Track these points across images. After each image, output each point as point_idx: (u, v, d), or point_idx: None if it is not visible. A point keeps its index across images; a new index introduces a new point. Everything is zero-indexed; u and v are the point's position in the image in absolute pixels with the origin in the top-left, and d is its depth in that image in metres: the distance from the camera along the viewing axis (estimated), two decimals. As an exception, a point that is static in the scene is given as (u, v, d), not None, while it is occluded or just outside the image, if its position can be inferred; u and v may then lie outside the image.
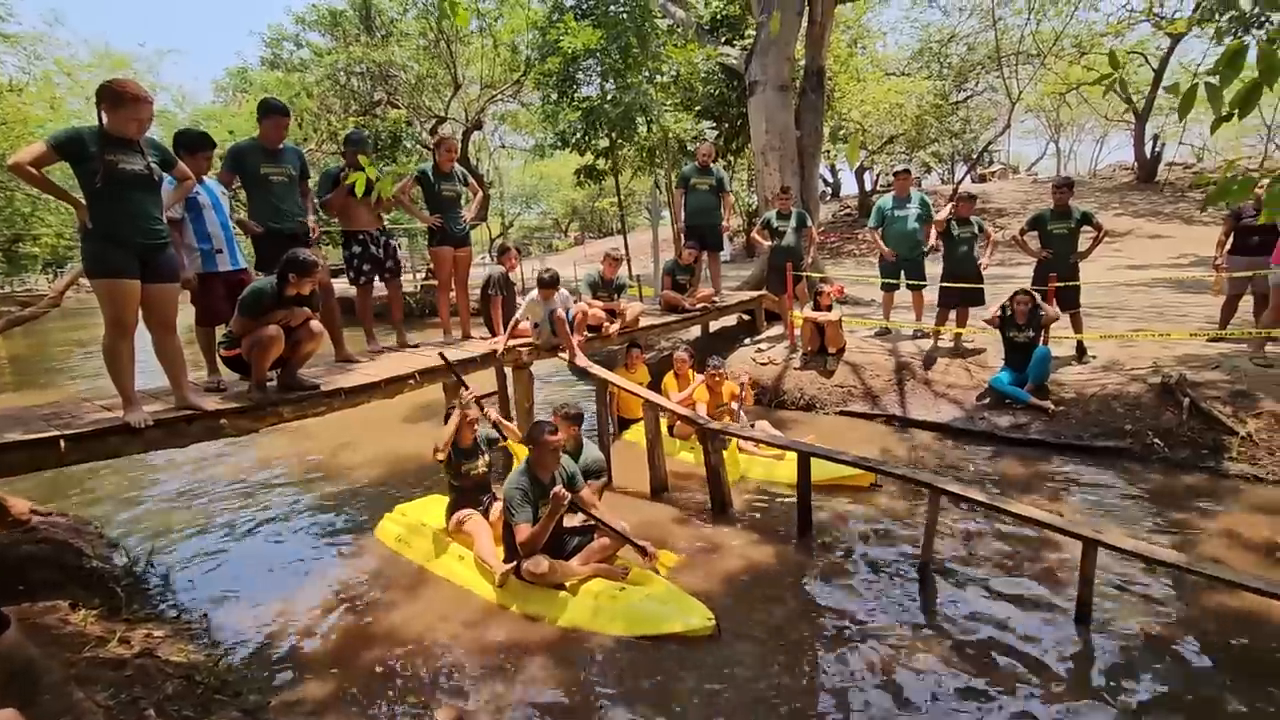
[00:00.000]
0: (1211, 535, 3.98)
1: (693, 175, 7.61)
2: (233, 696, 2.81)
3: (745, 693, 2.81)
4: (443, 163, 5.50)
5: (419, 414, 7.37)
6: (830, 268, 13.70)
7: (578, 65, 11.12)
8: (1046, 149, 38.00)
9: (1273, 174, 2.26)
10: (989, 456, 5.44)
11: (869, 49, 19.73)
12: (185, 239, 4.08)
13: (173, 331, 3.52)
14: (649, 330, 6.98)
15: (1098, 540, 3.10)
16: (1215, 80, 2.06)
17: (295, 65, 17.86)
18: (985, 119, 24.73)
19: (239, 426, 3.74)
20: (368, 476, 5.73)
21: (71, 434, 3.18)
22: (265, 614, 3.60)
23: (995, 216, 18.74)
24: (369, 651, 3.25)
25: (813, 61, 9.43)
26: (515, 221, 38.77)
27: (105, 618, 3.17)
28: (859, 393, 6.79)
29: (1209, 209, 16.12)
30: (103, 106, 3.13)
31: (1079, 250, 6.42)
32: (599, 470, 4.42)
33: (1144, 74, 20.38)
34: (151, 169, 3.27)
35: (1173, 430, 5.13)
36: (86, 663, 2.67)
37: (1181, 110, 2.12)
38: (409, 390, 4.65)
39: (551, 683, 2.94)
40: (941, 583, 3.63)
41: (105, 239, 3.16)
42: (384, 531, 4.43)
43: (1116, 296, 9.21)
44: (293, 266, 3.73)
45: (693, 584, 3.63)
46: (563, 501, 3.38)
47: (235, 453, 6.51)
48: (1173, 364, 5.67)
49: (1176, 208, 17.97)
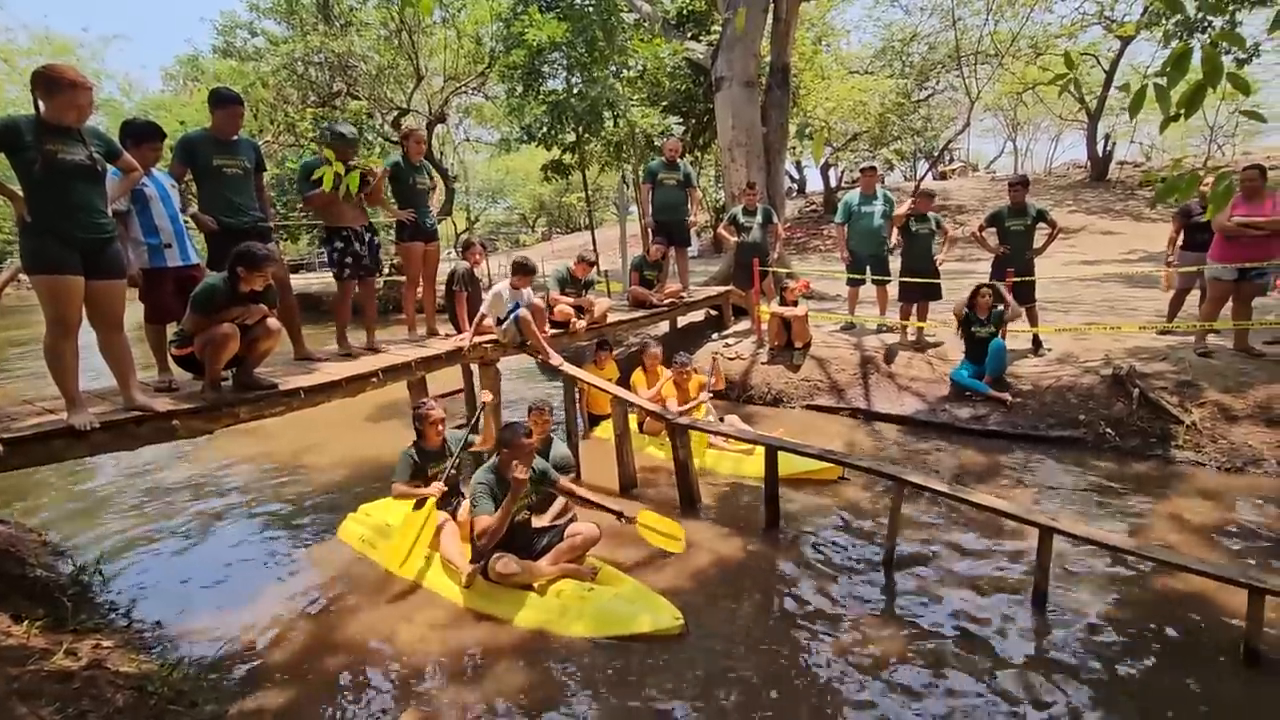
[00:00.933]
0: (1160, 520, 4.15)
1: (660, 170, 7.60)
2: (188, 707, 2.72)
3: (712, 690, 2.82)
4: (412, 155, 5.37)
5: (382, 413, 7.24)
6: (796, 263, 13.84)
7: (543, 58, 11.02)
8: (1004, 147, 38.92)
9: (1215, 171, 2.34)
10: (950, 448, 5.57)
11: (833, 47, 19.98)
12: (131, 233, 3.91)
13: (119, 329, 3.37)
14: (617, 326, 6.96)
15: (1053, 527, 3.20)
16: (1163, 81, 2.13)
17: (250, 54, 17.32)
18: (946, 117, 25.26)
19: (192, 428, 3.60)
20: (330, 477, 5.60)
21: (10, 437, 3.02)
22: (222, 620, 3.49)
23: (955, 213, 19.17)
24: (332, 656, 3.18)
25: (778, 58, 9.50)
26: (481, 216, 38.31)
27: (51, 629, 3.03)
28: (825, 387, 6.88)
29: (1158, 206, 16.75)
30: (38, 93, 2.97)
31: (1035, 246, 6.60)
32: (568, 466, 4.41)
33: (1096, 75, 21.06)
34: (94, 159, 3.13)
35: (1123, 420, 5.32)
36: (30, 676, 2.55)
37: (1132, 109, 2.18)
38: (371, 389, 4.55)
39: (518, 685, 2.91)
40: (906, 572, 3.70)
41: (45, 233, 3.01)
42: (347, 532, 4.34)
43: (1070, 291, 9.51)
44: (242, 260, 3.60)
45: (661, 580, 3.63)
46: (523, 480, 3.33)
47: (190, 455, 6.30)
48: (1123, 356, 5.88)
49: (1127, 205, 18.64)
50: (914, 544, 3.99)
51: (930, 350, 6.83)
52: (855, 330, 7.59)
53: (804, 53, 15.72)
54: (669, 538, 3.85)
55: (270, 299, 3.82)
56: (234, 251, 3.64)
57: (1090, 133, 21.72)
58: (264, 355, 3.93)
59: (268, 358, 4.05)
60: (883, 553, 3.81)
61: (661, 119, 11.36)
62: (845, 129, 19.56)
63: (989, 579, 3.59)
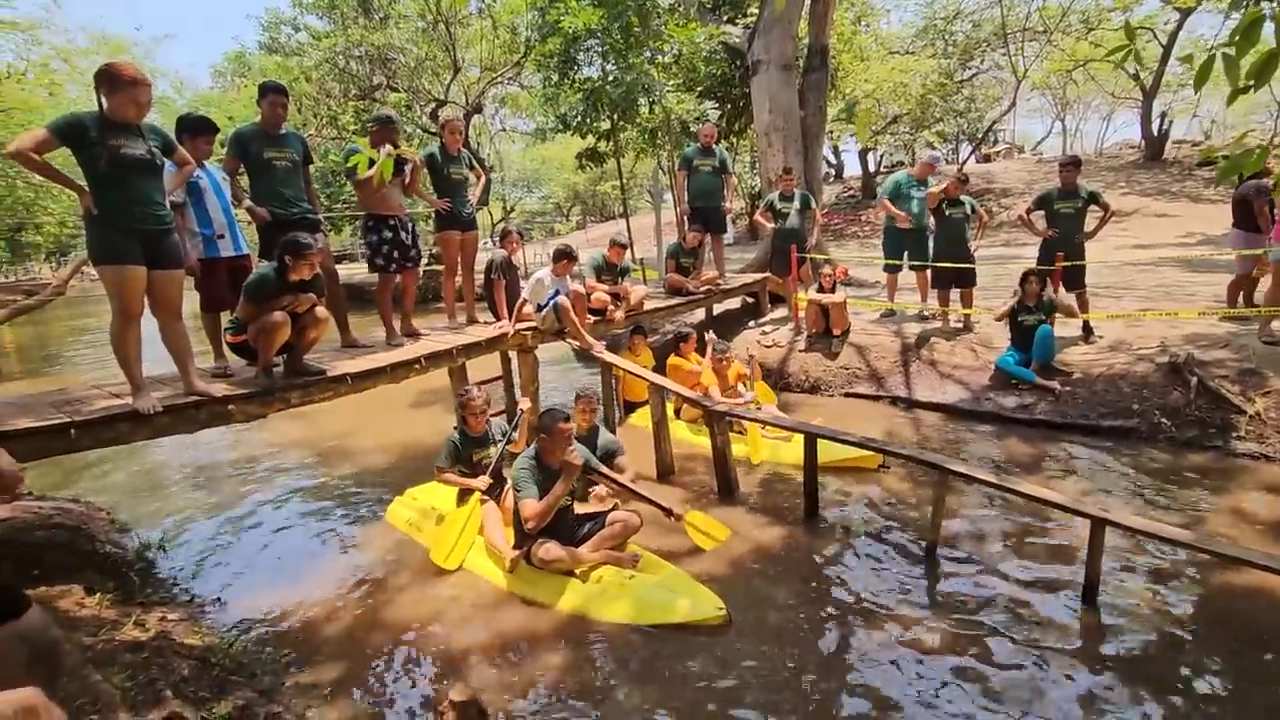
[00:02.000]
0: (1219, 513, 3.99)
1: (695, 157, 7.55)
2: (247, 678, 2.84)
3: (753, 679, 2.82)
4: (449, 145, 5.44)
5: (424, 399, 7.40)
6: (834, 249, 13.61)
7: (578, 46, 10.98)
8: (1052, 127, 37.53)
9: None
10: (995, 437, 5.44)
11: (873, 27, 19.45)
12: (187, 224, 4.07)
13: (178, 317, 3.52)
14: (653, 313, 6.97)
15: (1105, 519, 3.10)
16: (1232, 51, 2.03)
17: (293, 49, 17.72)
18: (990, 98, 24.45)
19: (247, 412, 3.75)
20: (376, 460, 5.76)
21: (81, 420, 3.19)
22: (277, 597, 3.64)
23: (1000, 196, 18.59)
24: (379, 633, 3.28)
25: (816, 40, 9.31)
26: (516, 206, 38.58)
27: (120, 602, 3.20)
28: (864, 374, 6.78)
29: (1220, 186, 15.97)
30: (101, 90, 3.10)
31: (1085, 230, 6.37)
32: (617, 450, 4.49)
33: (1151, 50, 20.08)
34: (153, 153, 3.25)
35: (1180, 409, 5.12)
36: (103, 645, 2.71)
37: (1197, 82, 2.08)
38: (415, 375, 4.65)
39: (560, 668, 2.96)
40: (949, 563, 3.64)
41: (109, 225, 3.15)
42: (394, 515, 4.46)
43: (1123, 276, 9.15)
44: (288, 249, 3.71)
45: (700, 567, 3.64)
46: (576, 467, 3.37)
47: (244, 438, 6.54)
48: (1180, 343, 5.65)
49: (1184, 186, 17.79)
50: (957, 535, 3.92)
51: (974, 337, 6.67)
52: (895, 317, 7.44)
53: (842, 33, 15.36)
54: (713, 539, 3.85)
55: (318, 287, 3.93)
56: (281, 241, 3.76)
57: (1145, 110, 20.74)
58: (313, 343, 4.06)
59: (316, 345, 4.18)
60: (925, 543, 3.75)
61: (697, 104, 11.24)
62: (885, 111, 19.09)
63: (1036, 572, 3.50)
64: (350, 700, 2.84)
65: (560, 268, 5.36)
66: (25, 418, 3.18)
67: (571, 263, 5.40)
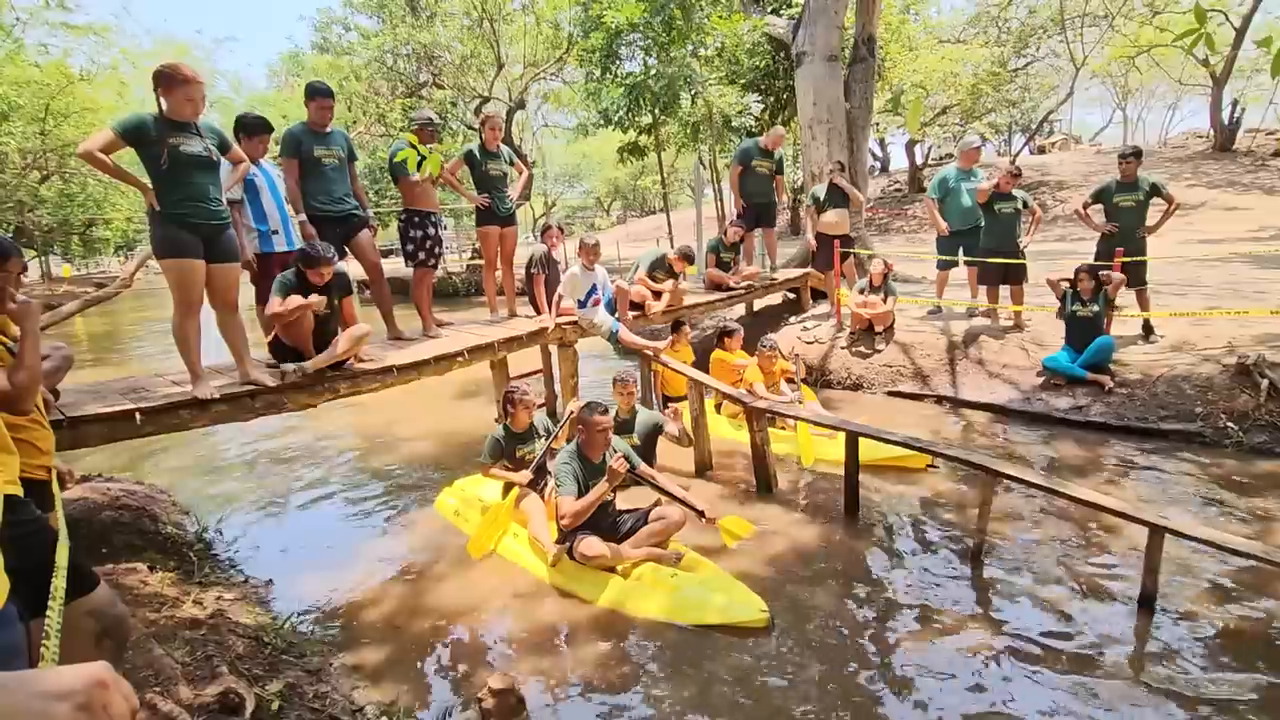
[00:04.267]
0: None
1: (755, 156, 7.50)
2: (298, 658, 2.95)
3: (792, 681, 2.79)
4: (488, 141, 5.52)
5: (464, 390, 7.53)
6: (879, 244, 13.32)
7: (621, 40, 11.01)
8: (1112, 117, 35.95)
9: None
10: (1046, 439, 5.26)
11: (921, 15, 18.92)
12: (244, 220, 4.22)
13: (234, 310, 3.66)
14: (693, 309, 6.94)
15: (1165, 527, 2.97)
16: (1315, 34, 1.91)
17: (344, 49, 18.21)
18: (1046, 87, 23.55)
19: (299, 401, 3.89)
20: (419, 448, 5.89)
21: (146, 407, 3.35)
22: (324, 580, 3.76)
23: (1056, 190, 17.91)
24: (422, 619, 3.36)
25: (863, 30, 9.11)
26: (558, 201, 38.88)
27: (180, 580, 3.35)
28: (908, 372, 6.63)
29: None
30: (159, 91, 3.23)
31: (1147, 224, 6.08)
32: (659, 425, 4.62)
33: (1223, 33, 19.01)
34: (210, 150, 3.38)
35: (1249, 413, 4.86)
36: (165, 621, 2.84)
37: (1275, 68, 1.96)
38: (458, 367, 4.74)
39: (599, 660, 2.97)
40: (996, 569, 3.54)
41: (172, 221, 3.29)
42: (442, 505, 4.54)
43: (1187, 273, 8.71)
44: (301, 259, 3.80)
45: (739, 565, 3.62)
46: (620, 473, 3.38)
47: (296, 425, 6.77)
48: (1250, 343, 5.36)
49: (1256, 177, 16.84)
50: (1005, 539, 3.81)
51: (1025, 335, 6.45)
52: (941, 314, 7.25)
53: (890, 23, 14.98)
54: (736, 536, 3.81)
55: (343, 287, 4.01)
56: (298, 250, 3.86)
57: (1215, 98, 19.66)
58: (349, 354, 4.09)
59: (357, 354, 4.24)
60: (971, 547, 3.65)
61: (740, 97, 11.13)
62: (934, 102, 18.57)
63: (1088, 579, 3.38)
64: (393, 683, 2.91)
65: (587, 260, 5.50)
66: (95, 404, 3.36)
67: (596, 251, 5.56)
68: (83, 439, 3.26)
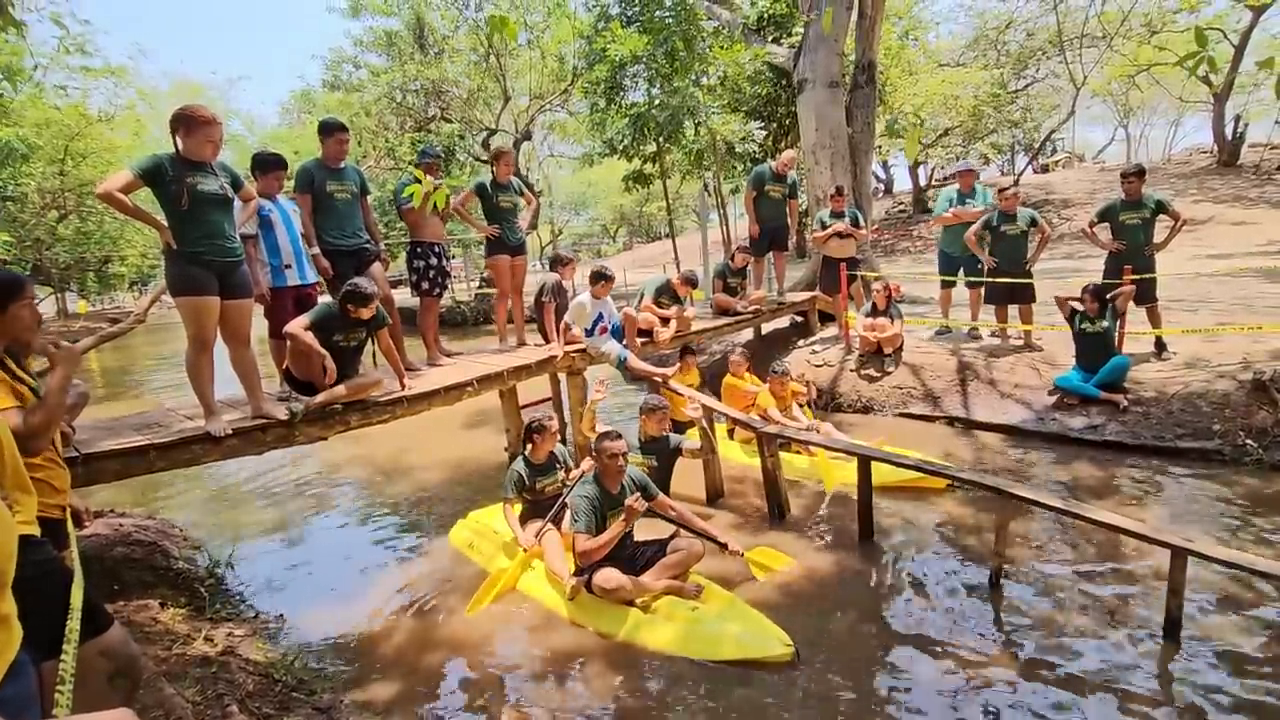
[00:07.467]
0: (1316, 544, 3.69)
1: (768, 181, 7.57)
2: (308, 695, 2.92)
3: (815, 716, 2.73)
4: (500, 174, 5.62)
5: (472, 420, 7.53)
6: (885, 266, 13.33)
7: (624, 72, 11.21)
8: (1115, 135, 35.94)
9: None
10: (1061, 459, 5.19)
11: (920, 40, 19.20)
12: (258, 254, 4.28)
13: (247, 344, 3.70)
14: (701, 334, 6.95)
15: (1188, 549, 2.90)
16: (1315, 54, 1.92)
17: (354, 86, 18.62)
18: (1047, 106, 23.72)
19: (310, 434, 3.90)
20: (430, 477, 5.88)
21: (159, 443, 3.37)
22: (335, 614, 3.73)
23: (1061, 208, 17.94)
24: (434, 654, 3.32)
25: (863, 56, 9.22)
26: (564, 229, 39.27)
27: (191, 616, 3.34)
28: (919, 394, 6.59)
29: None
30: (179, 133, 3.30)
31: (1155, 241, 6.07)
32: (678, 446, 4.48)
33: (1222, 51, 19.14)
34: (225, 188, 3.45)
35: (1268, 430, 4.78)
36: (175, 659, 2.82)
37: (1279, 88, 1.97)
38: (468, 397, 4.75)
39: (616, 696, 2.91)
40: (1015, 594, 3.47)
41: (187, 259, 3.34)
42: (457, 537, 4.50)
43: (1198, 288, 8.65)
44: (349, 299, 3.84)
45: (757, 595, 3.55)
46: (638, 512, 3.33)
47: (305, 457, 6.78)
48: (1265, 359, 5.30)
49: (1263, 191, 16.81)
50: (1023, 564, 3.73)
51: (1036, 355, 6.41)
52: (950, 335, 7.22)
53: (890, 48, 15.20)
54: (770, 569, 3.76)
55: (380, 321, 4.07)
56: (344, 290, 3.89)
57: (1217, 114, 19.74)
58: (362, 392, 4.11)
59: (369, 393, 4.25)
60: (988, 572, 3.58)
61: (743, 124, 11.28)
62: (935, 124, 18.74)
63: (1110, 604, 3.30)
64: (405, 719, 2.87)
65: (599, 290, 5.45)
66: (111, 439, 3.39)
67: (609, 283, 5.50)
68: (97, 475, 3.28)
